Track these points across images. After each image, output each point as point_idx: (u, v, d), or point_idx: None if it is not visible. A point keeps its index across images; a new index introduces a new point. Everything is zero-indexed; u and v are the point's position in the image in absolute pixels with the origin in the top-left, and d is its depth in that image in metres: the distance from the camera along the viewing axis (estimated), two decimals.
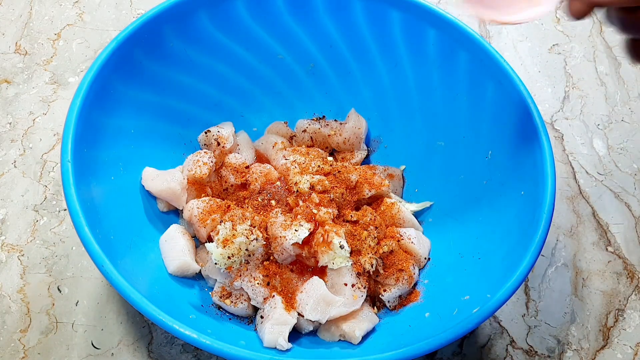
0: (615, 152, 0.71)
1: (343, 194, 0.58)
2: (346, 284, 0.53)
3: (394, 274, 0.55)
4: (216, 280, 0.55)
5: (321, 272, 0.54)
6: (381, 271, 0.55)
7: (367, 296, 0.54)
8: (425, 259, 0.58)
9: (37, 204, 0.63)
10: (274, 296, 0.52)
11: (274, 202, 0.57)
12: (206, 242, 0.56)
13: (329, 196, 0.57)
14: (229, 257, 0.52)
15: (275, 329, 0.50)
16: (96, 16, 0.79)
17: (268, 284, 0.53)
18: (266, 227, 0.55)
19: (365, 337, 0.52)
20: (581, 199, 0.68)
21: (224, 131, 0.63)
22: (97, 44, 0.76)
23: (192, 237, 0.58)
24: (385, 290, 0.55)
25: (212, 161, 0.60)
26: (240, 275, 0.53)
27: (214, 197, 0.59)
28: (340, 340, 0.52)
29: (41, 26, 0.77)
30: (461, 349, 0.58)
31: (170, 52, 0.60)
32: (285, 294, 0.53)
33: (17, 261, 0.60)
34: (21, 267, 0.60)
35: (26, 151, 0.67)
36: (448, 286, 0.54)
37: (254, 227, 0.54)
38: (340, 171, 0.59)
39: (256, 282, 0.52)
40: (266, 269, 0.53)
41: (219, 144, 0.62)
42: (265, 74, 0.66)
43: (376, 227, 0.56)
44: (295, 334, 0.52)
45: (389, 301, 0.55)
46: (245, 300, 0.53)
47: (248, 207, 0.57)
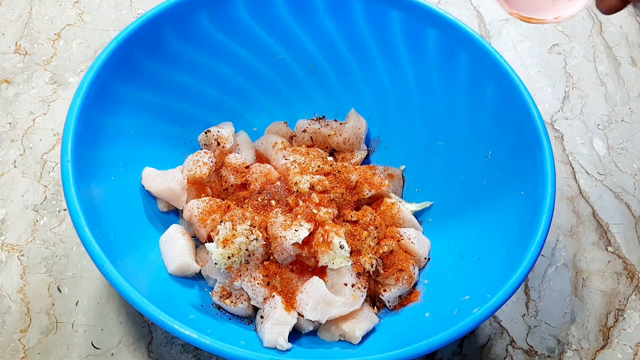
0: (615, 152, 0.71)
1: (343, 194, 0.58)
2: (346, 284, 0.53)
3: (394, 274, 0.55)
4: (216, 280, 0.55)
5: (321, 272, 0.54)
6: (381, 271, 0.55)
7: (367, 296, 0.54)
8: (425, 259, 0.58)
9: (37, 204, 0.63)
10: (274, 296, 0.52)
11: (274, 202, 0.57)
12: (206, 242, 0.56)
13: (329, 196, 0.57)
14: (229, 257, 0.52)
15: (275, 329, 0.50)
16: (96, 16, 0.79)
17: (268, 284, 0.53)
18: (266, 227, 0.55)
19: (365, 337, 0.52)
20: (581, 199, 0.68)
21: (224, 131, 0.63)
22: (97, 44, 0.76)
23: (192, 237, 0.58)
24: (385, 290, 0.55)
25: (212, 161, 0.60)
26: (240, 275, 0.53)
27: (214, 197, 0.59)
28: (340, 340, 0.52)
29: (41, 26, 0.77)
30: (461, 349, 0.58)
31: (170, 52, 0.60)
32: (285, 294, 0.53)
33: (17, 261, 0.60)
34: (21, 267, 0.60)
35: (26, 151, 0.67)
36: (448, 286, 0.54)
37: (254, 227, 0.54)
38: (340, 171, 0.59)
39: (256, 282, 0.52)
40: (266, 269, 0.53)
41: (219, 144, 0.62)
42: (265, 74, 0.66)
43: (376, 227, 0.56)
44: (295, 334, 0.52)
45: (389, 301, 0.55)
46: (245, 300, 0.53)
47: (248, 207, 0.57)
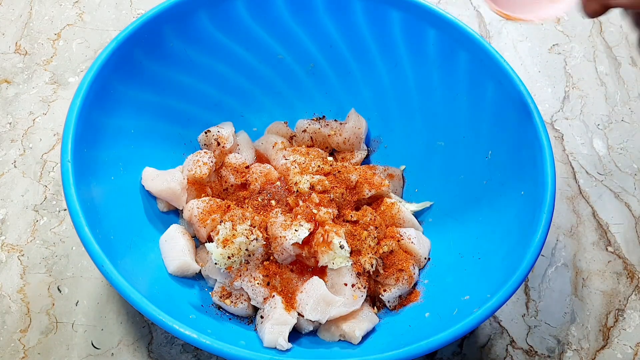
0: (615, 152, 0.71)
1: (343, 194, 0.58)
2: (346, 284, 0.53)
3: (394, 274, 0.55)
4: (216, 280, 0.55)
5: (321, 272, 0.54)
6: (381, 271, 0.55)
7: (367, 296, 0.54)
8: (425, 259, 0.58)
9: (37, 204, 0.63)
10: (274, 296, 0.52)
11: (274, 202, 0.57)
12: (206, 242, 0.56)
13: (329, 196, 0.57)
14: (229, 257, 0.52)
15: (275, 329, 0.50)
16: (96, 16, 0.79)
17: (268, 284, 0.53)
18: (266, 227, 0.55)
19: (365, 337, 0.52)
20: (581, 199, 0.68)
21: (224, 131, 0.63)
22: (97, 44, 0.76)
23: (192, 237, 0.58)
24: (385, 290, 0.55)
25: (212, 161, 0.60)
26: (240, 275, 0.53)
27: (214, 197, 0.59)
28: (340, 340, 0.52)
29: (41, 26, 0.77)
30: (461, 349, 0.58)
31: (170, 52, 0.60)
32: (285, 294, 0.53)
33: (17, 261, 0.60)
34: (21, 267, 0.60)
35: (26, 151, 0.67)
36: (448, 286, 0.54)
37: (254, 227, 0.54)
38: (340, 171, 0.59)
39: (256, 282, 0.52)
40: (266, 269, 0.53)
41: (219, 144, 0.62)
42: (265, 74, 0.66)
43: (376, 227, 0.56)
44: (295, 334, 0.52)
45: (389, 301, 0.55)
46: (245, 300, 0.53)
47: (248, 207, 0.57)
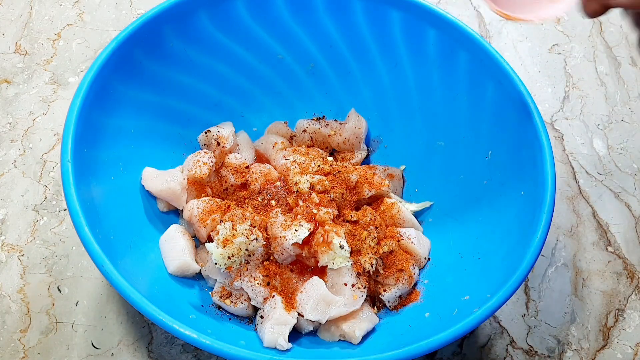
0: (615, 152, 0.71)
1: (343, 194, 0.58)
2: (346, 284, 0.53)
3: (394, 274, 0.55)
4: (216, 280, 0.55)
5: (321, 272, 0.54)
6: (381, 271, 0.55)
7: (367, 296, 0.54)
8: (425, 259, 0.58)
9: (37, 204, 0.63)
10: (274, 296, 0.52)
11: (274, 202, 0.57)
12: (206, 242, 0.56)
13: (329, 196, 0.57)
14: (229, 257, 0.52)
15: (275, 329, 0.50)
16: (96, 16, 0.79)
17: (268, 284, 0.53)
18: (266, 227, 0.55)
19: (365, 337, 0.52)
20: (581, 199, 0.68)
21: (224, 131, 0.63)
22: (97, 44, 0.76)
23: (192, 237, 0.58)
24: (385, 290, 0.55)
25: (212, 161, 0.60)
26: (240, 275, 0.53)
27: (214, 197, 0.59)
28: (340, 340, 0.52)
29: (41, 26, 0.77)
30: (461, 349, 0.58)
31: (170, 52, 0.60)
32: (285, 294, 0.53)
33: (17, 261, 0.60)
34: (21, 267, 0.60)
35: (26, 151, 0.67)
36: (448, 286, 0.54)
37: (254, 227, 0.54)
38: (340, 171, 0.59)
39: (256, 282, 0.52)
40: (266, 269, 0.53)
41: (219, 144, 0.62)
42: (265, 74, 0.66)
43: (376, 227, 0.56)
44: (295, 334, 0.52)
45: (389, 301, 0.55)
46: (245, 300, 0.53)
47: (248, 207, 0.57)
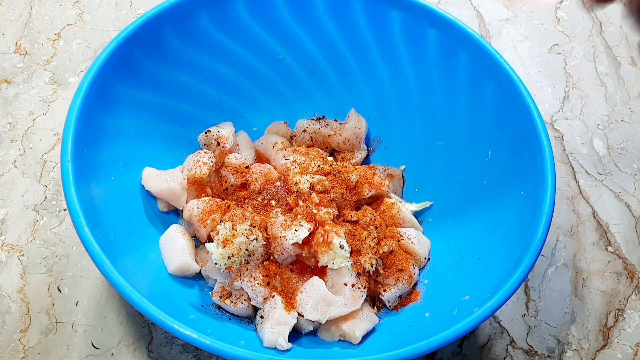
0: (615, 152, 0.71)
1: (343, 194, 0.58)
2: (346, 284, 0.53)
3: (394, 274, 0.55)
4: (216, 280, 0.55)
5: (321, 272, 0.54)
6: (381, 271, 0.55)
7: (367, 296, 0.54)
8: (425, 259, 0.58)
9: (37, 204, 0.63)
10: (274, 296, 0.52)
11: (274, 202, 0.57)
12: (206, 242, 0.56)
13: (329, 196, 0.57)
14: (229, 257, 0.52)
15: (275, 329, 0.50)
16: (96, 16, 0.79)
17: (268, 284, 0.53)
18: (266, 227, 0.55)
19: (365, 337, 0.52)
20: (581, 199, 0.68)
21: (224, 131, 0.63)
22: (97, 44, 0.76)
23: (192, 237, 0.58)
24: (385, 290, 0.55)
25: (212, 161, 0.60)
26: (240, 275, 0.53)
27: (214, 197, 0.59)
28: (340, 340, 0.52)
29: (41, 26, 0.77)
30: (461, 349, 0.58)
31: (170, 52, 0.60)
32: (285, 294, 0.53)
33: (17, 261, 0.60)
34: (21, 267, 0.60)
35: (26, 151, 0.67)
36: (448, 286, 0.54)
37: (254, 227, 0.54)
38: (340, 171, 0.59)
39: (256, 282, 0.52)
40: (266, 269, 0.53)
41: (219, 144, 0.62)
42: (265, 74, 0.66)
43: (376, 227, 0.56)
44: (295, 334, 0.52)
45: (389, 301, 0.55)
46: (245, 300, 0.53)
47: (248, 207, 0.57)
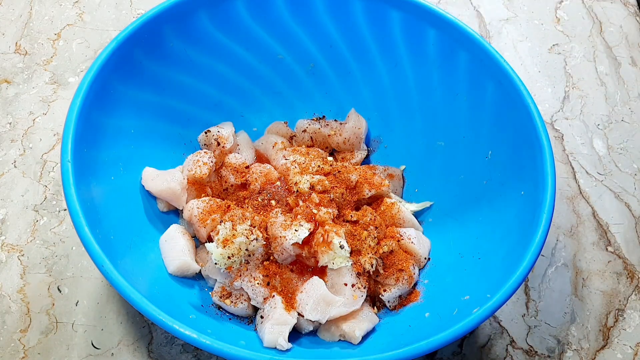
0: (615, 152, 0.71)
1: (343, 194, 0.58)
2: (346, 284, 0.53)
3: (394, 274, 0.55)
4: (216, 280, 0.55)
5: (321, 272, 0.54)
6: (381, 271, 0.55)
7: (367, 296, 0.54)
8: (425, 259, 0.58)
9: (37, 204, 0.63)
10: (274, 296, 0.52)
11: (274, 202, 0.57)
12: (206, 242, 0.56)
13: (329, 196, 0.57)
14: (229, 257, 0.52)
15: (275, 329, 0.50)
16: (96, 16, 0.79)
17: (268, 284, 0.53)
18: (266, 227, 0.55)
19: (365, 337, 0.52)
20: (581, 199, 0.68)
21: (224, 131, 0.63)
22: (97, 44, 0.76)
23: (192, 237, 0.58)
24: (385, 290, 0.55)
25: (212, 161, 0.60)
26: (240, 275, 0.53)
27: (214, 197, 0.59)
28: (340, 340, 0.52)
29: (41, 26, 0.77)
30: (461, 349, 0.58)
31: (170, 52, 0.60)
32: (285, 294, 0.53)
33: (17, 261, 0.60)
34: (21, 267, 0.60)
35: (26, 151, 0.67)
36: (448, 286, 0.54)
37: (254, 227, 0.54)
38: (340, 171, 0.59)
39: (256, 282, 0.52)
40: (266, 269, 0.53)
41: (219, 144, 0.62)
42: (265, 74, 0.66)
43: (376, 227, 0.56)
44: (295, 334, 0.52)
45: (389, 301, 0.55)
46: (245, 300, 0.53)
47: (248, 207, 0.57)
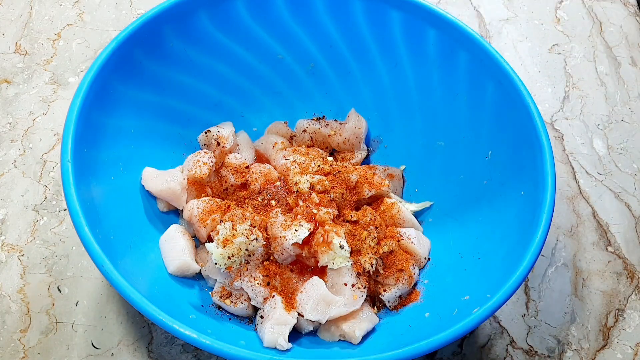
0: (615, 152, 0.71)
1: (343, 194, 0.58)
2: (346, 284, 0.53)
3: (394, 274, 0.55)
4: (216, 280, 0.55)
5: (321, 272, 0.54)
6: (381, 271, 0.55)
7: (367, 296, 0.54)
8: (425, 259, 0.58)
9: (37, 204, 0.63)
10: (274, 296, 0.52)
11: (274, 202, 0.57)
12: (206, 242, 0.56)
13: (329, 196, 0.57)
14: (229, 257, 0.52)
15: (275, 329, 0.50)
16: (96, 16, 0.79)
17: (268, 284, 0.53)
18: (266, 227, 0.55)
19: (365, 337, 0.52)
20: (581, 199, 0.68)
21: (224, 131, 0.63)
22: (97, 44, 0.76)
23: (192, 237, 0.58)
24: (385, 290, 0.55)
25: (212, 161, 0.60)
26: (240, 275, 0.53)
27: (214, 197, 0.59)
28: (340, 340, 0.52)
29: (41, 26, 0.77)
30: (461, 349, 0.58)
31: (170, 52, 0.60)
32: (285, 294, 0.53)
33: (17, 261, 0.60)
34: (21, 267, 0.60)
35: (26, 151, 0.67)
36: (448, 286, 0.54)
37: (254, 227, 0.54)
38: (340, 171, 0.59)
39: (256, 282, 0.52)
40: (266, 269, 0.53)
41: (219, 144, 0.62)
42: (265, 74, 0.66)
43: (376, 227, 0.56)
44: (295, 334, 0.52)
45: (389, 301, 0.55)
46: (245, 300, 0.53)
47: (248, 207, 0.57)
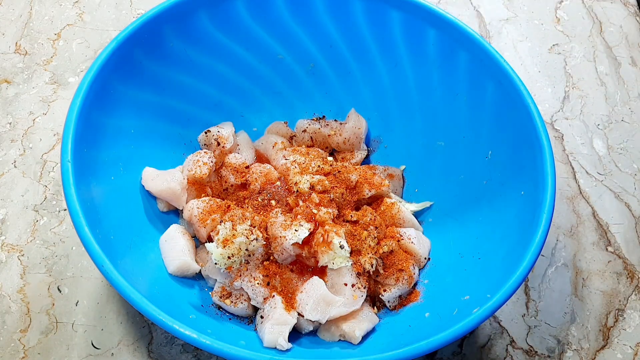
0: (615, 152, 0.71)
1: (343, 194, 0.58)
2: (346, 284, 0.53)
3: (394, 274, 0.55)
4: (216, 280, 0.55)
5: (321, 272, 0.54)
6: (381, 271, 0.55)
7: (367, 296, 0.54)
8: (425, 259, 0.58)
9: (37, 204, 0.63)
10: (274, 296, 0.52)
11: (274, 202, 0.57)
12: (206, 242, 0.56)
13: (329, 196, 0.57)
14: (229, 257, 0.52)
15: (275, 329, 0.50)
16: (96, 16, 0.79)
17: (268, 284, 0.53)
18: (266, 227, 0.55)
19: (365, 337, 0.52)
20: (581, 199, 0.68)
21: (224, 131, 0.63)
22: (97, 44, 0.76)
23: (192, 237, 0.58)
24: (385, 290, 0.55)
25: (212, 161, 0.60)
26: (240, 275, 0.53)
27: (214, 197, 0.59)
28: (340, 340, 0.52)
29: (41, 26, 0.77)
30: (461, 349, 0.58)
31: (170, 52, 0.60)
32: (285, 294, 0.53)
33: (17, 261, 0.60)
34: (21, 267, 0.60)
35: (26, 151, 0.67)
36: (448, 286, 0.54)
37: (254, 227, 0.54)
38: (340, 171, 0.59)
39: (256, 282, 0.52)
40: (266, 269, 0.53)
41: (219, 144, 0.62)
42: (265, 74, 0.66)
43: (376, 227, 0.56)
44: (295, 334, 0.52)
45: (389, 301, 0.55)
46: (245, 300, 0.53)
47: (248, 207, 0.57)
